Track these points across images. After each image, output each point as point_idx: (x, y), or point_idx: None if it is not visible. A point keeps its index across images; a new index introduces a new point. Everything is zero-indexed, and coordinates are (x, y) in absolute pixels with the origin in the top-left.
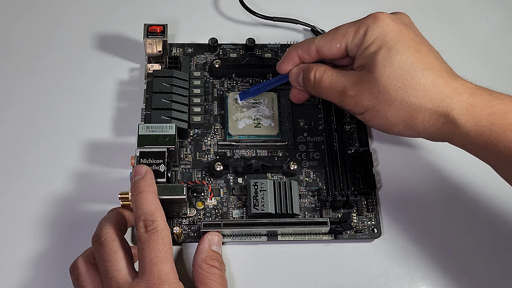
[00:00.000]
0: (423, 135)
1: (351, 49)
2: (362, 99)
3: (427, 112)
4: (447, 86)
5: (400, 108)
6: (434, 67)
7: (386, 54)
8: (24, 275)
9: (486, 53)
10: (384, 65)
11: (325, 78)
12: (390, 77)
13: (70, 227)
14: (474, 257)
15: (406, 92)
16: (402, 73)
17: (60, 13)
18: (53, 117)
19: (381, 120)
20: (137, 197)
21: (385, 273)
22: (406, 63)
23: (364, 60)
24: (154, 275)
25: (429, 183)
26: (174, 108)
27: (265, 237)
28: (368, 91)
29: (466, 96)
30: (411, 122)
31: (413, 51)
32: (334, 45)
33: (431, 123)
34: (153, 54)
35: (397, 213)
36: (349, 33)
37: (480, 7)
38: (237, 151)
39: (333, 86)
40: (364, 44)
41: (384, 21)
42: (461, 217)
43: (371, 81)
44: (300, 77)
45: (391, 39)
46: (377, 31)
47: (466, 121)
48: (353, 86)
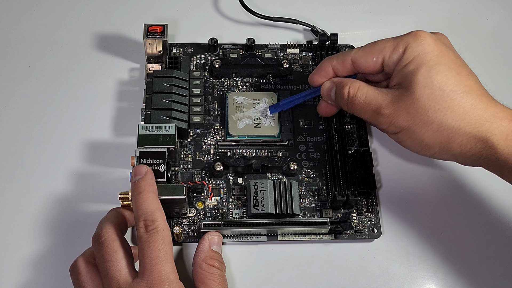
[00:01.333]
0: (458, 159)
1: (387, 65)
2: (398, 119)
3: (465, 136)
4: (487, 111)
5: (438, 131)
6: (474, 90)
7: (427, 74)
8: (24, 275)
9: (486, 53)
10: (424, 85)
11: (360, 95)
12: (429, 98)
13: (70, 227)
14: (474, 257)
15: (445, 114)
16: (442, 94)
17: (60, 13)
18: (53, 117)
19: (416, 142)
20: (137, 197)
21: (385, 273)
22: (447, 85)
23: (402, 78)
24: (155, 275)
25: (429, 183)
26: (174, 108)
27: (265, 237)
28: (405, 111)
29: (506, 122)
30: (448, 146)
31: (454, 73)
32: (371, 58)
33: (468, 147)
34: (153, 54)
35: (397, 213)
36: (387, 48)
37: (480, 7)
38: (237, 151)
39: (368, 104)
40: (403, 62)
41: (426, 39)
42: (461, 217)
43: (409, 101)
44: (333, 92)
45: (432, 59)
46: (418, 49)
47: (506, 147)
48: (389, 105)
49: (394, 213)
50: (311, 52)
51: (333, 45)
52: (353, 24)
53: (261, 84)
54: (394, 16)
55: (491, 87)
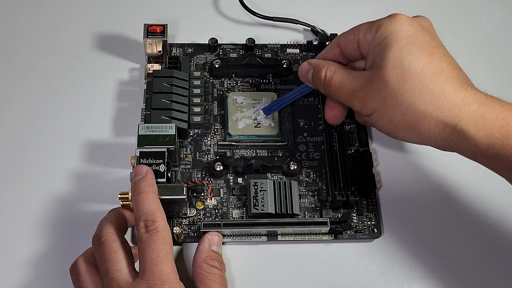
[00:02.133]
0: (428, 142)
1: (362, 44)
2: (370, 101)
3: (433, 120)
4: (456, 95)
5: (406, 113)
6: (445, 73)
7: (398, 53)
8: (24, 275)
9: (486, 53)
10: (394, 65)
11: (336, 78)
12: (399, 79)
13: (70, 227)
14: (474, 257)
15: (413, 96)
16: (411, 75)
17: (60, 13)
18: (53, 117)
19: (386, 123)
20: (137, 197)
21: (385, 273)
22: (416, 66)
23: (374, 57)
24: (155, 275)
25: (429, 183)
26: (174, 108)
27: (265, 237)
28: (377, 93)
29: (475, 107)
30: (416, 129)
31: (426, 54)
32: (349, 37)
33: (437, 132)
34: (153, 54)
35: (397, 213)
36: (363, 27)
37: (480, 7)
38: (237, 151)
39: (343, 86)
40: (375, 40)
41: (399, 19)
42: (461, 217)
43: (380, 82)
44: (310, 74)
45: (404, 38)
46: (390, 28)
47: (476, 132)
48: (362, 87)
49: (394, 213)
50: (311, 52)
51: None
52: (353, 24)
53: (261, 84)
54: None
55: (491, 87)
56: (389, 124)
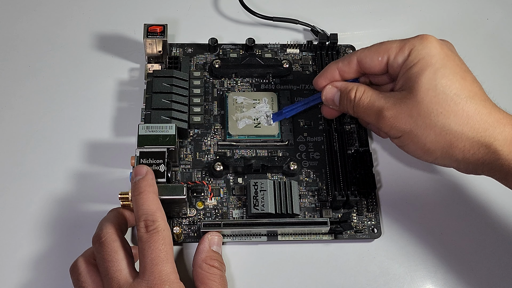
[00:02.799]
0: (460, 165)
1: (392, 66)
2: (400, 122)
3: (468, 141)
4: (490, 116)
5: (440, 135)
6: (478, 96)
7: (431, 76)
8: (24, 275)
9: (486, 53)
10: (428, 88)
11: (364, 98)
12: (432, 101)
13: (70, 227)
14: (474, 257)
15: (448, 118)
16: (446, 98)
17: (60, 13)
18: (53, 117)
19: (418, 145)
20: (137, 197)
21: (385, 273)
22: (451, 89)
23: (406, 80)
24: (155, 275)
25: (429, 183)
26: (174, 108)
27: (265, 237)
28: (407, 114)
29: (509, 128)
30: (450, 151)
31: (459, 78)
32: (376, 58)
33: (471, 153)
34: (153, 54)
35: (397, 213)
36: (393, 48)
37: (480, 7)
38: (237, 151)
39: (371, 107)
40: (408, 64)
41: (432, 43)
42: (461, 217)
43: (412, 104)
44: (337, 97)
45: (438, 62)
46: (423, 52)
47: (509, 153)
48: (391, 107)
49: (394, 213)
50: (311, 52)
51: (333, 45)
52: (353, 24)
53: (261, 84)
54: (394, 16)
55: (491, 87)
56: (421, 146)
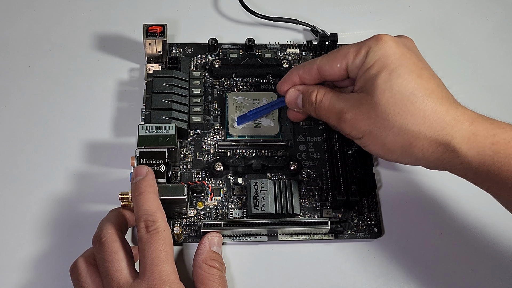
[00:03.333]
0: (421, 163)
1: (351, 70)
2: (359, 124)
3: (426, 140)
4: (448, 114)
5: (399, 135)
6: (435, 93)
7: (387, 77)
8: (24, 275)
9: (486, 53)
10: (383, 89)
11: (325, 100)
12: (389, 102)
13: (71, 227)
14: (474, 257)
15: (405, 118)
16: (402, 98)
17: (60, 13)
18: (53, 117)
19: (378, 146)
20: (138, 198)
21: (385, 273)
22: (406, 88)
23: (364, 82)
24: (155, 276)
25: (429, 183)
26: (174, 108)
27: (266, 237)
28: (366, 115)
29: (467, 125)
30: (410, 150)
31: (415, 76)
32: (335, 65)
33: (430, 151)
34: (153, 54)
35: (397, 213)
36: (350, 53)
37: (480, 7)
38: (237, 151)
39: (332, 109)
40: (365, 66)
41: (387, 43)
42: (461, 217)
43: (370, 105)
44: (299, 99)
45: (393, 62)
46: (379, 53)
47: (468, 150)
48: (350, 109)
49: (394, 213)
50: (311, 52)
51: (333, 45)
52: (353, 24)
53: (261, 84)
54: (394, 16)
55: (491, 87)
56: (381, 146)
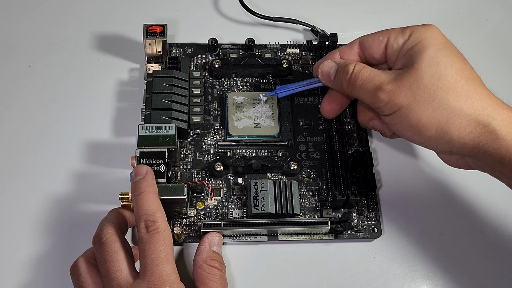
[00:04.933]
0: (454, 145)
1: (391, 46)
2: (399, 95)
3: (465, 117)
4: (490, 98)
5: (438, 109)
6: (477, 80)
7: (434, 54)
8: (24, 275)
9: (486, 53)
10: (430, 63)
11: (364, 72)
12: (433, 76)
13: (71, 227)
14: (474, 257)
15: (447, 93)
16: (447, 75)
17: (60, 13)
18: (53, 117)
19: (413, 120)
20: (138, 198)
21: (385, 273)
22: (452, 68)
23: (407, 59)
24: (156, 276)
25: (429, 183)
26: (174, 108)
27: (266, 237)
28: (408, 87)
29: (508, 111)
30: (446, 127)
31: (460, 60)
32: (377, 38)
33: (467, 131)
34: (153, 54)
35: (397, 213)
36: (394, 31)
37: (480, 7)
38: (237, 151)
39: (371, 80)
40: (409, 44)
41: (434, 28)
42: (461, 217)
43: (413, 78)
44: (333, 70)
45: (440, 43)
46: (425, 33)
47: (507, 133)
48: (391, 81)
49: (394, 213)
50: (311, 52)
51: (333, 45)
52: (353, 24)
53: (261, 84)
54: (394, 16)
55: (491, 87)
56: (416, 121)
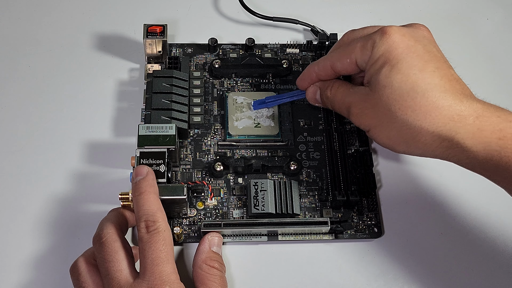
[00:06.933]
0: (428, 155)
1: (360, 65)
2: (365, 118)
3: (429, 135)
4: (451, 109)
5: (401, 130)
6: (437, 88)
7: (387, 73)
8: (24, 275)
9: (486, 53)
10: (384, 85)
11: (337, 94)
12: (389, 98)
13: (71, 227)
14: (474, 257)
15: (405, 114)
16: (402, 94)
17: (60, 13)
18: (53, 117)
19: (384, 139)
20: (138, 198)
21: (385, 273)
22: (406, 84)
23: (370, 76)
24: (156, 276)
25: (429, 183)
26: (174, 108)
27: (266, 237)
28: (371, 110)
29: (471, 120)
30: (414, 144)
31: (416, 71)
32: (345, 60)
33: (434, 146)
34: (153, 54)
35: (397, 213)
36: (357, 48)
37: (480, 7)
38: (237, 151)
39: (342, 102)
40: (371, 60)
41: (391, 36)
42: (461, 217)
43: (373, 101)
44: (318, 95)
45: (395, 57)
46: (382, 48)
47: (473, 145)
48: (357, 104)
49: (394, 213)
50: (311, 52)
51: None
52: (353, 24)
53: (261, 84)
54: (394, 16)
55: (490, 87)
56: (387, 140)
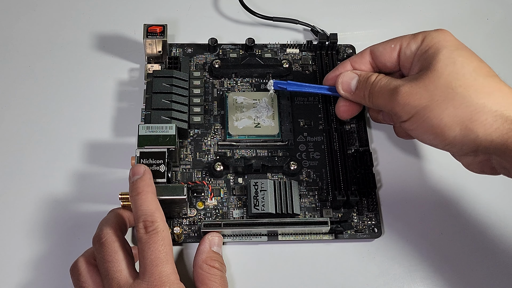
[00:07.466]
0: (481, 143)
1: (404, 53)
2: (415, 97)
3: (490, 113)
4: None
5: (460, 107)
6: (497, 77)
7: (449, 54)
8: (24, 275)
9: (486, 53)
10: (446, 63)
11: (383, 78)
12: (451, 75)
13: (70, 227)
14: (474, 257)
15: (468, 91)
16: (465, 73)
17: (60, 13)
18: (53, 117)
19: (434, 121)
20: (136, 198)
21: (385, 273)
22: (469, 66)
23: (422, 63)
24: (155, 276)
25: (429, 183)
26: (174, 108)
27: (266, 237)
28: (423, 88)
29: None
30: (471, 125)
31: (477, 59)
32: (389, 46)
33: (494, 127)
34: (153, 54)
35: (397, 213)
36: (406, 37)
37: (480, 7)
38: (237, 151)
39: (387, 85)
40: (422, 49)
41: (446, 32)
42: (461, 217)
43: (429, 79)
44: (354, 81)
45: (453, 44)
46: (438, 37)
47: None
48: (407, 84)
49: (394, 213)
50: (311, 52)
51: (333, 45)
52: (353, 24)
53: (261, 84)
54: (394, 16)
55: None
56: (437, 122)
